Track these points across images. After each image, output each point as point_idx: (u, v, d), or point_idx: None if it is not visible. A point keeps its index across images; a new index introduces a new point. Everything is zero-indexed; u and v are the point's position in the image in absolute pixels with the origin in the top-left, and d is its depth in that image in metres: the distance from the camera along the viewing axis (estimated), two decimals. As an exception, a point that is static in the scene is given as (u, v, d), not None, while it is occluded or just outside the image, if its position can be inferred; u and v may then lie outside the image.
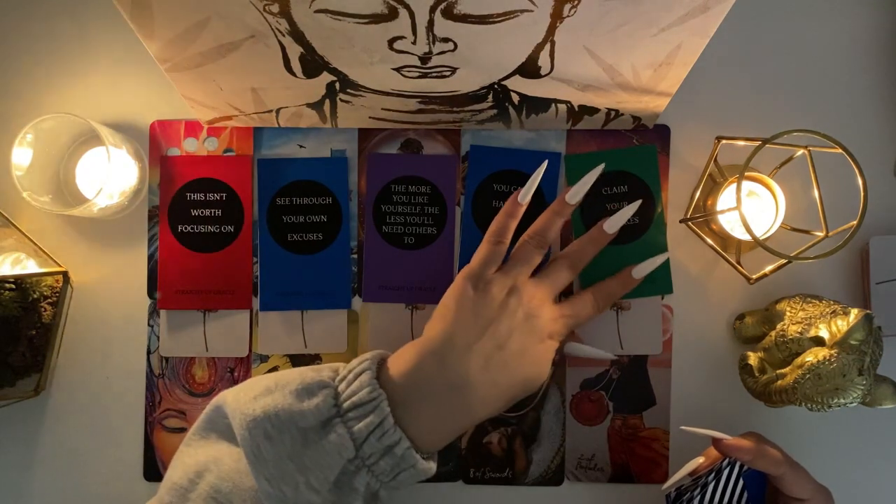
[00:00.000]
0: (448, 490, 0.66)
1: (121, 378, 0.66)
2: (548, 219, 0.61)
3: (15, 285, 0.63)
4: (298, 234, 0.67)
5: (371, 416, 0.52)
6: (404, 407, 0.53)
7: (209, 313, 0.66)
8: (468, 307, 0.56)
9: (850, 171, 0.56)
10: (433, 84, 0.57)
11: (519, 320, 0.57)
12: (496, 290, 0.57)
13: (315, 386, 0.53)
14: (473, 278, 0.58)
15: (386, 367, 0.56)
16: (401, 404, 0.53)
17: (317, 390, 0.53)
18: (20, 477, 0.66)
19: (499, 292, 0.57)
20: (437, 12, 0.47)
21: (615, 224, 0.62)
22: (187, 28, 0.51)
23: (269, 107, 0.63)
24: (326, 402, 0.52)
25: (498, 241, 0.59)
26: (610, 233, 0.62)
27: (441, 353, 0.55)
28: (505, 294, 0.57)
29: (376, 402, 0.52)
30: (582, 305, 0.61)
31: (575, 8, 0.47)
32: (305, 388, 0.53)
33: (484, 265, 0.58)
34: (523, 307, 0.57)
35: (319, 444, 0.52)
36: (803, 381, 0.55)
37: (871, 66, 0.67)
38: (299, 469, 0.51)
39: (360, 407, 0.52)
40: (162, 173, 0.67)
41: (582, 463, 0.66)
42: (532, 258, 0.60)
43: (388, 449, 0.52)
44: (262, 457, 0.51)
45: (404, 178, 0.67)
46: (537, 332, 0.57)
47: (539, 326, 0.57)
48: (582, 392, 0.66)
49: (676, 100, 0.61)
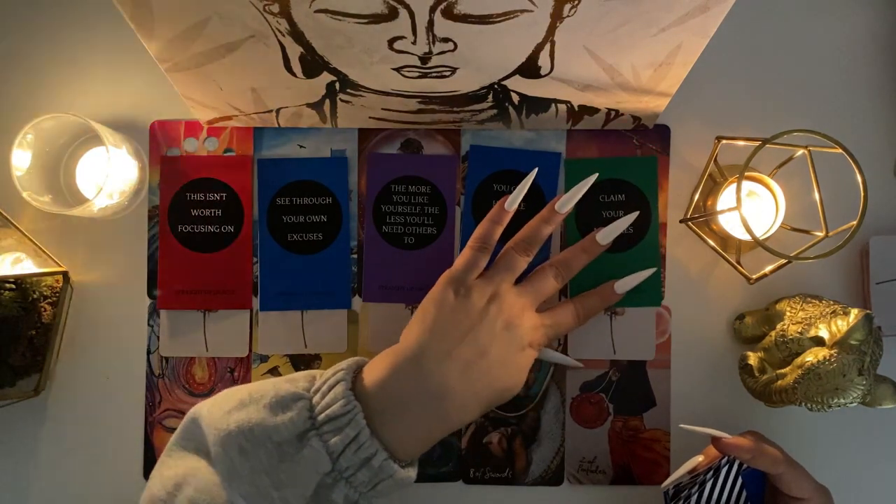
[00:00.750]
0: (448, 490, 0.66)
1: (121, 378, 0.66)
2: (535, 226, 0.60)
3: (15, 285, 0.63)
4: (298, 234, 0.67)
5: (346, 428, 0.51)
6: (381, 416, 0.52)
7: (209, 313, 0.66)
8: (448, 312, 0.56)
9: (850, 171, 0.56)
10: (433, 84, 0.57)
11: (499, 328, 0.56)
12: (477, 296, 0.56)
13: (289, 398, 0.52)
14: (455, 283, 0.57)
15: (361, 376, 0.54)
16: (377, 413, 0.52)
17: (291, 403, 0.52)
18: (20, 477, 0.66)
19: (479, 299, 0.56)
20: (437, 12, 0.47)
21: (608, 235, 0.62)
22: (187, 28, 0.51)
23: (269, 107, 0.63)
24: (301, 415, 0.51)
25: (482, 246, 0.59)
26: (603, 244, 0.62)
27: (418, 359, 0.54)
28: (486, 301, 0.56)
29: (351, 414, 0.51)
30: (563, 316, 0.61)
31: (575, 8, 0.47)
32: (279, 402, 0.52)
33: (466, 270, 0.58)
34: (503, 315, 0.56)
35: (295, 459, 0.51)
36: (803, 381, 0.55)
37: (871, 66, 0.67)
38: (275, 484, 0.50)
39: (335, 420, 0.51)
40: (162, 173, 0.67)
41: (583, 466, 0.66)
42: (516, 265, 0.59)
43: (365, 461, 0.51)
44: (237, 472, 0.51)
45: (404, 178, 0.67)
46: (517, 341, 0.57)
47: (519, 335, 0.57)
48: (582, 395, 0.66)
49: (676, 100, 0.61)
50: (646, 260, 0.66)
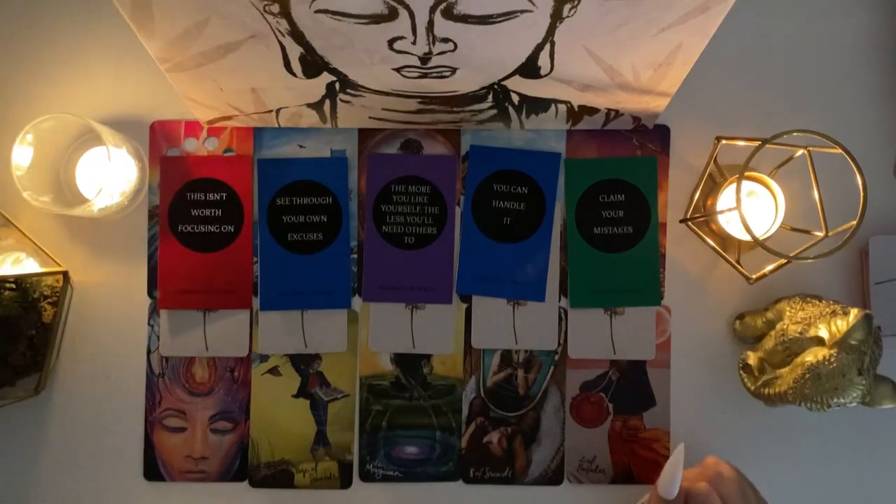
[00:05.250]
0: (448, 490, 0.66)
1: (121, 378, 0.66)
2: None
3: (15, 285, 0.63)
4: (298, 233, 0.67)
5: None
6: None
7: (209, 313, 0.66)
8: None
9: (849, 171, 0.56)
10: (433, 84, 0.57)
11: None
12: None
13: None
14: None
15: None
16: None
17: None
18: (20, 476, 0.66)
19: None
20: (437, 12, 0.47)
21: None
22: (187, 28, 0.51)
23: (269, 107, 0.63)
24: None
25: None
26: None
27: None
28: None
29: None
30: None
31: (575, 8, 0.47)
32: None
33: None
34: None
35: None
36: (803, 380, 0.55)
37: (871, 66, 0.67)
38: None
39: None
40: (162, 173, 0.67)
41: (583, 465, 0.66)
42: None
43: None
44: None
45: (404, 178, 0.67)
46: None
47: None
48: (582, 394, 0.66)
49: (676, 100, 0.61)
50: (647, 257, 0.66)
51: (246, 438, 0.66)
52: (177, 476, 0.66)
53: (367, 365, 0.66)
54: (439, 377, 0.66)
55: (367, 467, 0.66)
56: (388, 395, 0.66)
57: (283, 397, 0.66)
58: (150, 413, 0.66)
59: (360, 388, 0.66)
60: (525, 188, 0.66)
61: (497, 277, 0.66)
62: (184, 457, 0.66)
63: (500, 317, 0.66)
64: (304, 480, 0.66)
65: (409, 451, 0.66)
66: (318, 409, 0.66)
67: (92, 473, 0.66)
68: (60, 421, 0.66)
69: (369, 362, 0.66)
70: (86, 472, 0.66)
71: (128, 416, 0.66)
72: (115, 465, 0.66)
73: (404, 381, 0.66)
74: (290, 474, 0.66)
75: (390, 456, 0.66)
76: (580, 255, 0.66)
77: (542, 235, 0.66)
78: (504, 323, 0.66)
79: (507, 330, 0.66)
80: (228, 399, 0.66)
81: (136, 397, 0.66)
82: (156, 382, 0.66)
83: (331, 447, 0.66)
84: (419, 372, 0.66)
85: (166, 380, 0.66)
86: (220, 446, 0.66)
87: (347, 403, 0.66)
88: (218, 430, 0.66)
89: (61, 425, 0.66)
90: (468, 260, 0.66)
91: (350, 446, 0.66)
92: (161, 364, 0.66)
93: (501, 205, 0.66)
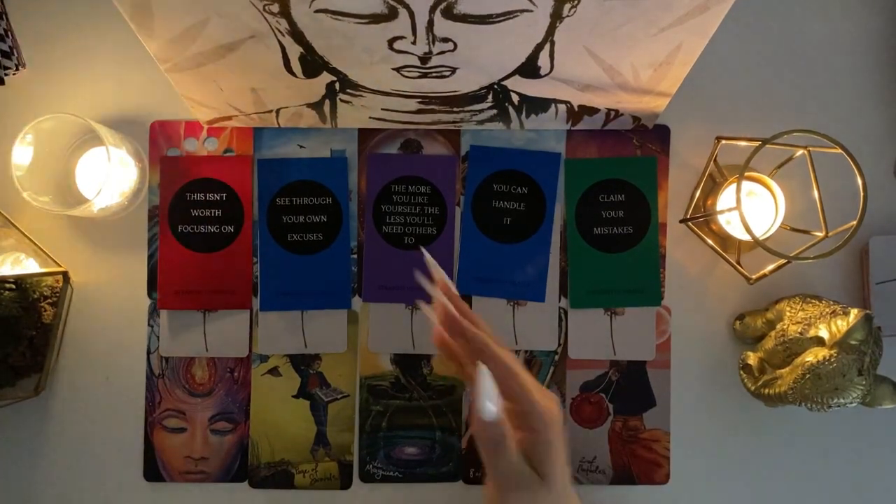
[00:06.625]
0: (448, 490, 0.66)
1: (121, 378, 0.66)
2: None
3: (15, 285, 0.63)
4: (298, 234, 0.67)
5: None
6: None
7: (209, 313, 0.66)
8: None
9: (849, 171, 0.56)
10: (433, 84, 0.57)
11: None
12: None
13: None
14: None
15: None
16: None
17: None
18: (21, 476, 0.66)
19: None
20: (437, 12, 0.47)
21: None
22: (187, 28, 0.51)
23: (269, 107, 0.63)
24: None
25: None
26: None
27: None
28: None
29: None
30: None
31: (575, 8, 0.47)
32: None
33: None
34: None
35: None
36: (803, 381, 0.55)
37: (871, 66, 0.67)
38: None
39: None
40: (162, 173, 0.67)
41: (583, 466, 0.66)
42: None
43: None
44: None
45: (404, 178, 0.67)
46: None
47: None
48: (582, 395, 0.66)
49: (676, 100, 0.61)
50: (648, 257, 0.66)
51: (246, 439, 0.66)
52: (177, 477, 0.66)
53: (367, 365, 0.66)
54: (439, 378, 0.66)
55: (367, 468, 0.66)
56: (388, 396, 0.66)
57: (283, 398, 0.66)
58: (150, 413, 0.66)
59: (360, 388, 0.66)
60: (525, 188, 0.66)
61: (497, 278, 0.66)
62: (184, 457, 0.66)
63: (500, 317, 0.66)
64: (304, 481, 0.66)
65: (409, 452, 0.66)
66: (318, 409, 0.66)
67: (92, 474, 0.66)
68: (60, 421, 0.66)
69: (369, 363, 0.66)
70: (86, 473, 0.66)
71: (128, 417, 0.66)
72: (115, 465, 0.66)
73: (404, 382, 0.66)
74: (290, 475, 0.66)
75: (390, 456, 0.66)
76: (580, 256, 0.66)
77: (542, 235, 0.66)
78: (504, 323, 0.66)
79: (507, 330, 0.66)
80: (228, 399, 0.66)
81: (136, 398, 0.66)
82: (156, 383, 0.66)
83: (331, 448, 0.66)
84: (419, 372, 0.66)
85: (166, 380, 0.66)
86: (220, 447, 0.66)
87: (347, 404, 0.66)
88: (218, 430, 0.66)
89: (61, 426, 0.66)
90: (468, 260, 0.66)
91: (350, 447, 0.66)
92: (161, 364, 0.66)
93: (501, 205, 0.66)
